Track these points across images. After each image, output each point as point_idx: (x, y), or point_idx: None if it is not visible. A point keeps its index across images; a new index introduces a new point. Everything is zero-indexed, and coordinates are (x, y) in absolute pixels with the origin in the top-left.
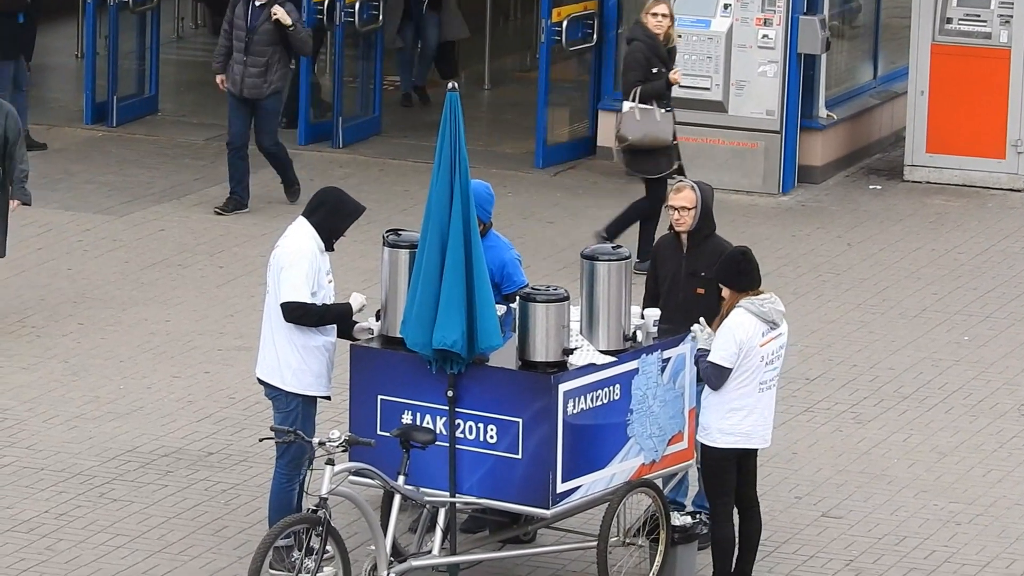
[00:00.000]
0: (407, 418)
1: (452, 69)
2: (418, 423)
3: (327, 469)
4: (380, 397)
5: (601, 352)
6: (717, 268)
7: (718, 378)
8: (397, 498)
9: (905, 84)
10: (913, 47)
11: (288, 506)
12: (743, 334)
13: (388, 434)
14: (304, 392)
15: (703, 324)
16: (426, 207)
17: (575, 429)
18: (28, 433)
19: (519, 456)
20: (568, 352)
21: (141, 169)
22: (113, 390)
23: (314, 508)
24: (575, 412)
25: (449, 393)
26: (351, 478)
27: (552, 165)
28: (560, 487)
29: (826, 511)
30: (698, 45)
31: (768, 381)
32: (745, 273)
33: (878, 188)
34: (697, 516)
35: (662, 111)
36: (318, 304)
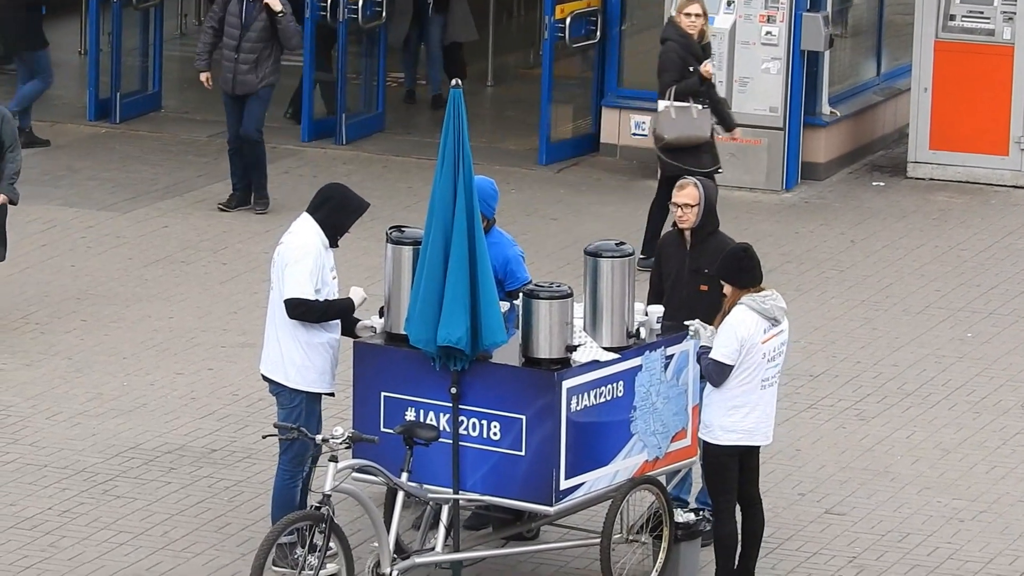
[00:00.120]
0: (410, 415)
1: (460, 71)
2: (421, 420)
3: (330, 466)
4: (383, 394)
5: (604, 349)
6: (718, 265)
7: (719, 375)
8: (400, 495)
9: (908, 81)
10: (916, 44)
11: (291, 503)
12: (745, 331)
13: (391, 431)
14: (308, 389)
15: (701, 323)
16: (430, 204)
17: (578, 426)
18: (31, 430)
19: (522, 453)
20: (571, 349)
21: (144, 166)
22: (116, 387)
23: (317, 505)
24: (578, 409)
25: (452, 390)
26: (354, 475)
27: (555, 162)
28: (563, 484)
29: (829, 508)
30: None
31: (770, 378)
32: (746, 270)
33: (881, 185)
34: (700, 513)
35: (699, 108)
36: (321, 300)
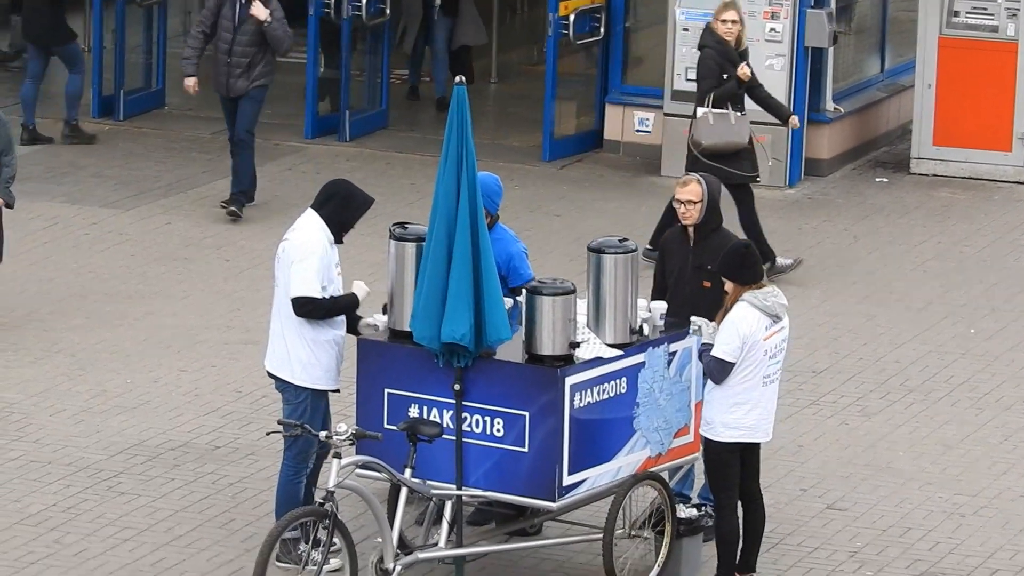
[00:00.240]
0: (414, 411)
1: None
2: (425, 416)
3: (334, 462)
4: (387, 391)
5: (608, 345)
6: (720, 262)
7: (721, 372)
8: (404, 491)
9: (912, 77)
10: (920, 40)
11: (295, 499)
12: (746, 328)
13: (395, 427)
14: (313, 386)
15: (704, 320)
16: (433, 201)
17: (581, 422)
18: (35, 427)
19: (525, 449)
20: (575, 345)
21: (148, 163)
22: (120, 384)
23: (321, 501)
24: (581, 405)
25: (456, 387)
26: (358, 471)
27: (559, 158)
28: (566, 480)
29: (831, 503)
30: None
31: (771, 375)
32: (748, 266)
33: (885, 181)
34: (702, 508)
35: (737, 115)
36: (327, 297)
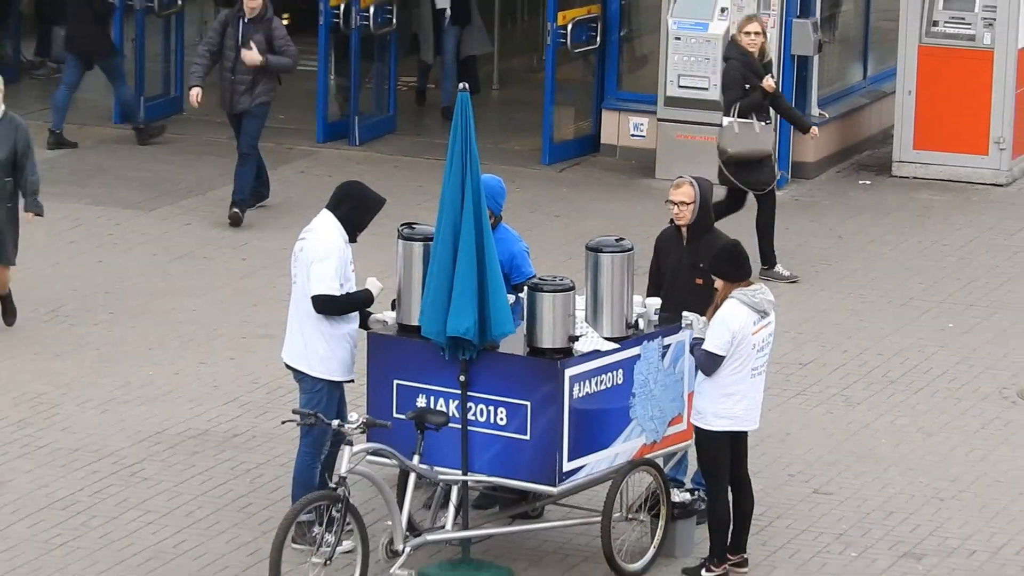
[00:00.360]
0: (422, 401)
1: (474, 83)
2: (432, 406)
3: (346, 449)
4: (396, 382)
5: (605, 339)
6: (710, 260)
7: (712, 365)
8: (412, 476)
9: (893, 84)
10: (901, 49)
11: (310, 483)
12: (736, 324)
13: (404, 416)
14: (330, 377)
15: (695, 315)
16: (439, 202)
17: (580, 411)
18: (63, 416)
19: (527, 437)
20: (574, 339)
21: (167, 166)
22: (143, 376)
23: (334, 486)
24: (580, 395)
25: (461, 378)
26: (369, 458)
27: (558, 162)
28: (566, 466)
29: (817, 488)
30: (696, 47)
31: (759, 367)
32: (738, 265)
33: (867, 183)
34: (695, 493)
35: (761, 124)
36: (344, 295)
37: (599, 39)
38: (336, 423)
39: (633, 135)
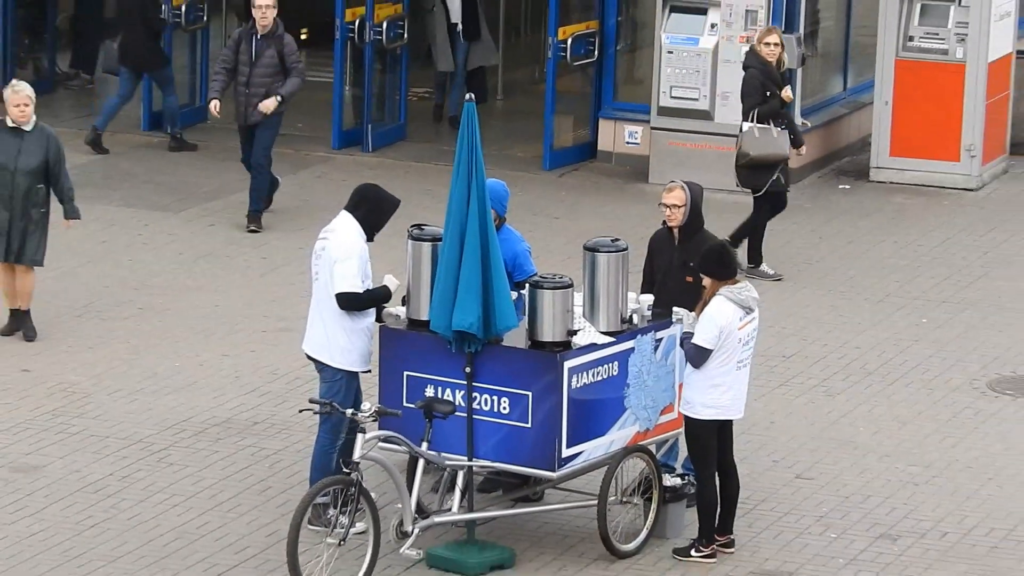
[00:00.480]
0: (430, 391)
1: (483, 93)
2: (439, 396)
3: (359, 436)
4: (406, 373)
5: (601, 333)
6: (699, 260)
7: (700, 358)
8: (421, 462)
9: (871, 95)
10: (879, 62)
11: (328, 468)
12: (723, 320)
13: (413, 406)
14: (350, 368)
15: (685, 311)
16: (447, 205)
17: (578, 401)
18: (95, 405)
19: (529, 425)
20: (572, 333)
21: (193, 171)
22: (169, 367)
23: (348, 471)
24: (578, 386)
25: (467, 369)
26: (380, 444)
27: (558, 167)
28: (565, 452)
29: (800, 473)
30: (688, 60)
31: (744, 360)
32: (725, 265)
33: (847, 188)
34: (685, 478)
35: (778, 130)
36: (365, 291)
37: (597, 53)
38: (350, 412)
39: (628, 142)
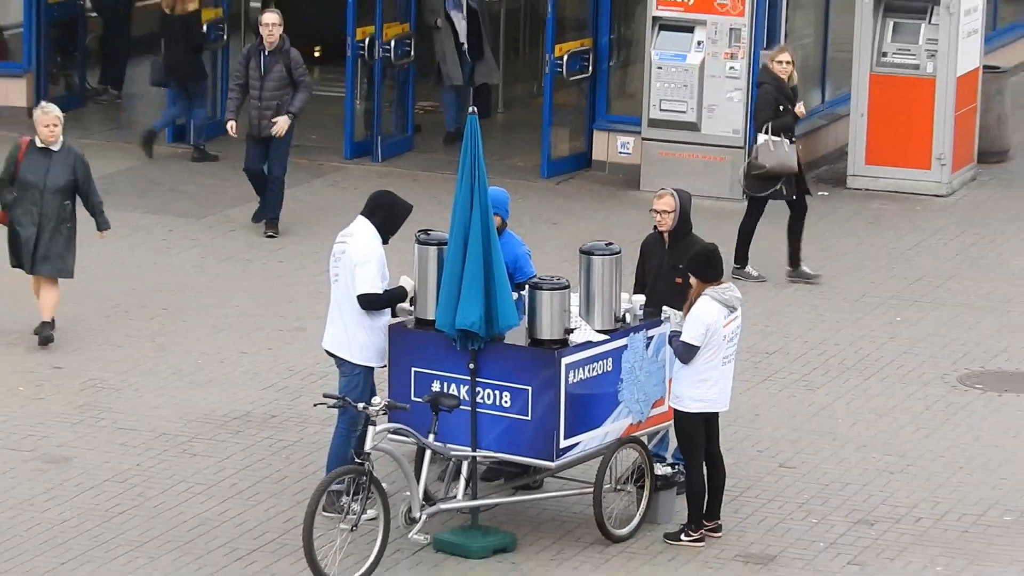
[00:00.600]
0: (436, 387)
1: (486, 107)
2: (445, 391)
3: (369, 429)
4: (414, 369)
5: (596, 331)
6: (688, 262)
7: (688, 355)
8: (428, 453)
9: (848, 107)
10: (855, 76)
11: (344, 458)
12: (710, 318)
13: (421, 400)
14: (368, 364)
15: (673, 310)
16: (452, 211)
17: (575, 395)
18: (122, 400)
19: (529, 418)
20: (569, 331)
21: (214, 180)
22: (192, 364)
23: (360, 461)
24: (575, 381)
25: (471, 365)
26: (390, 436)
27: (555, 176)
28: (562, 443)
29: (782, 463)
30: (676, 75)
31: (729, 356)
32: (712, 266)
33: (825, 194)
34: (675, 467)
35: (788, 143)
36: (384, 292)
37: (591, 69)
38: (361, 406)
39: (621, 152)
